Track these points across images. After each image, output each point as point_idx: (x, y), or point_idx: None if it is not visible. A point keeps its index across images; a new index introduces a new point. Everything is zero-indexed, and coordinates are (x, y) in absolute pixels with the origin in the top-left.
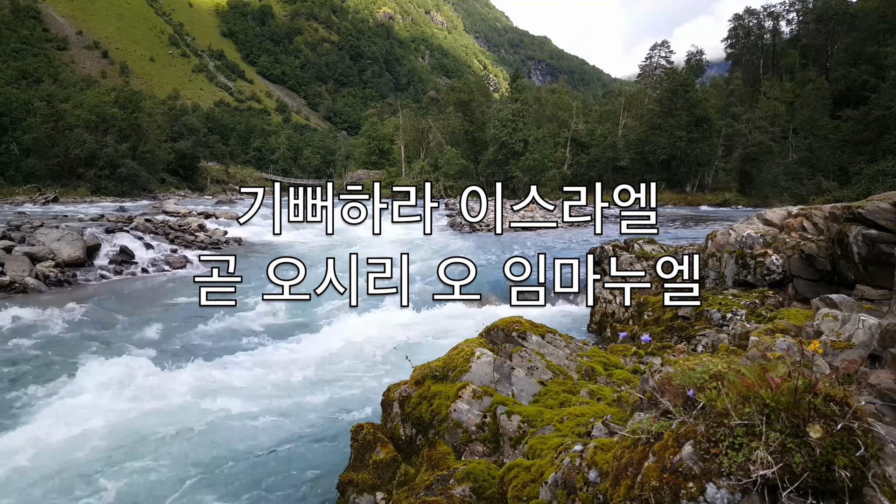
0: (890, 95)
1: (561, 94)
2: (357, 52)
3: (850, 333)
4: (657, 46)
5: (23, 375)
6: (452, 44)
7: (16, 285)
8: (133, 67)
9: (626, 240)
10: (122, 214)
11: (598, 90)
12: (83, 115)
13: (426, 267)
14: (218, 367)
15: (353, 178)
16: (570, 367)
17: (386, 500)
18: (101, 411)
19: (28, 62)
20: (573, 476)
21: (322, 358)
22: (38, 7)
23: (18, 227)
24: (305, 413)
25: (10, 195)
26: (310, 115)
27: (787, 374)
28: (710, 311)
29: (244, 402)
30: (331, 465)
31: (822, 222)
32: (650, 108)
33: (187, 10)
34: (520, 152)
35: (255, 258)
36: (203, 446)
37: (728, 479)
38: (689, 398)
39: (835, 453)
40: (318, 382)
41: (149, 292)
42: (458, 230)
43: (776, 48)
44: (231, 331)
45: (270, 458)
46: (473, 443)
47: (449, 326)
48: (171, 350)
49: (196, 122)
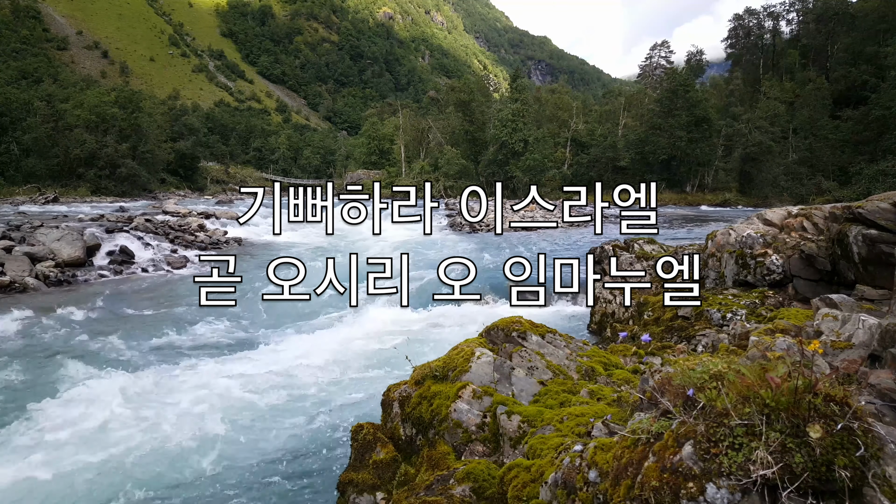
0: (890, 95)
1: (561, 94)
2: (357, 52)
3: (850, 333)
4: (657, 46)
5: (23, 375)
6: (452, 44)
7: (16, 285)
8: (133, 67)
9: (626, 240)
10: (122, 214)
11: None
12: (83, 115)
13: (426, 267)
14: (217, 367)
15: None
16: (570, 367)
17: (386, 500)
18: (101, 411)
19: (28, 62)
20: (573, 476)
21: (322, 358)
22: (38, 7)
23: (18, 227)
24: (305, 413)
25: (10, 195)
26: (310, 115)
27: (787, 374)
28: (710, 311)
29: (244, 401)
30: (331, 465)
31: (822, 222)
32: (650, 108)
33: (187, 10)
34: (520, 152)
35: (255, 258)
36: (202, 446)
37: (728, 479)
38: (689, 398)
39: (835, 453)
40: (318, 382)
41: (148, 292)
42: (458, 230)
43: (776, 48)
44: (231, 331)
45: (270, 457)
46: (473, 443)
47: (449, 326)
48: (170, 350)
49: (196, 122)
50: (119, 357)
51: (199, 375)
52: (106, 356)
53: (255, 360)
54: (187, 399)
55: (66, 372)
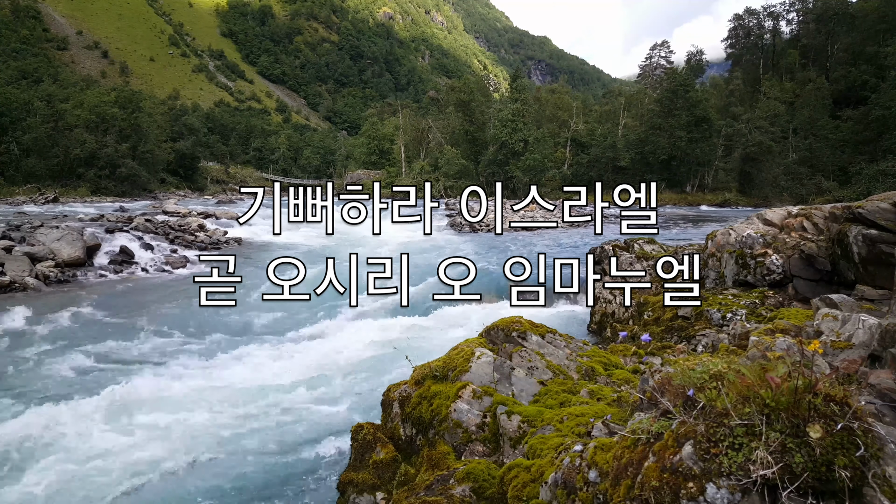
0: (890, 95)
1: (561, 94)
2: (357, 52)
3: (850, 333)
4: (657, 46)
5: (22, 376)
6: (452, 44)
7: (16, 285)
8: (133, 67)
9: (626, 240)
10: (122, 214)
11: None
12: (83, 115)
13: (426, 267)
14: (217, 367)
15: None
16: (570, 367)
17: (386, 500)
18: (100, 411)
19: (28, 62)
20: (573, 476)
21: (322, 358)
22: (38, 7)
23: (18, 227)
24: (305, 413)
25: (10, 195)
26: (310, 115)
27: (787, 374)
28: (710, 311)
29: (244, 401)
30: (331, 465)
31: (822, 222)
32: (650, 108)
33: (187, 10)
34: (520, 152)
35: (255, 258)
36: (202, 446)
37: (728, 479)
38: (689, 398)
39: (835, 453)
40: (318, 382)
41: (148, 292)
42: (458, 230)
43: (776, 48)
44: (231, 331)
45: (270, 457)
46: (473, 443)
47: (449, 326)
48: (170, 350)
49: (196, 122)
50: (119, 357)
51: (199, 375)
52: (106, 356)
53: (254, 360)
54: (186, 399)
55: (66, 372)
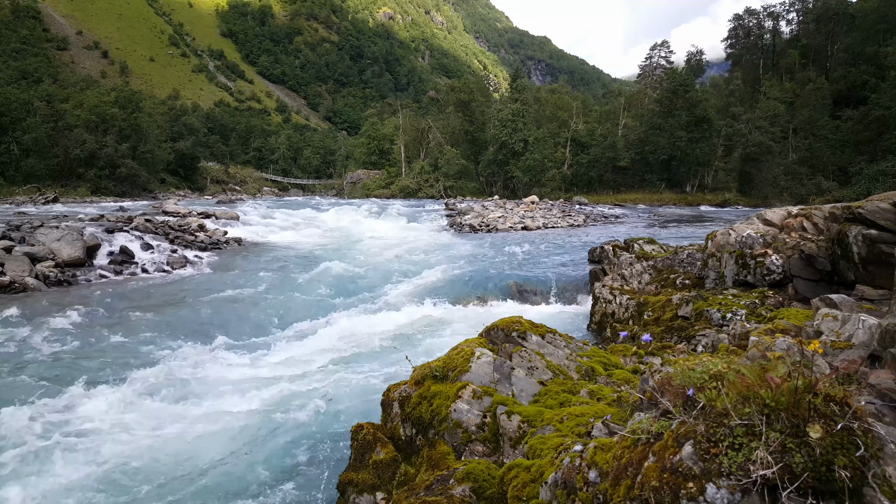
0: (890, 95)
1: (561, 94)
2: (357, 52)
3: (850, 333)
4: (657, 46)
5: (21, 376)
6: (452, 44)
7: (16, 285)
8: (133, 67)
9: (626, 240)
10: (122, 214)
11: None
12: (83, 115)
13: (427, 267)
14: (217, 367)
15: (353, 178)
16: (570, 367)
17: (386, 500)
18: (100, 412)
19: (28, 62)
20: (573, 476)
21: (321, 357)
22: (38, 7)
23: (18, 227)
24: (304, 412)
25: (10, 195)
26: (310, 115)
27: (787, 374)
28: (710, 311)
29: (243, 401)
30: (330, 465)
31: (822, 222)
32: (650, 108)
33: (187, 10)
34: (520, 152)
35: (256, 258)
36: (201, 446)
37: (728, 479)
38: (689, 398)
39: (835, 453)
40: (318, 382)
41: (149, 292)
42: (458, 230)
43: (776, 48)
44: (231, 330)
45: (269, 457)
46: (473, 443)
47: (449, 326)
48: (169, 349)
49: (196, 122)
50: (119, 357)
51: (198, 375)
52: (106, 356)
53: (253, 360)
54: (186, 399)
55: (65, 373)
